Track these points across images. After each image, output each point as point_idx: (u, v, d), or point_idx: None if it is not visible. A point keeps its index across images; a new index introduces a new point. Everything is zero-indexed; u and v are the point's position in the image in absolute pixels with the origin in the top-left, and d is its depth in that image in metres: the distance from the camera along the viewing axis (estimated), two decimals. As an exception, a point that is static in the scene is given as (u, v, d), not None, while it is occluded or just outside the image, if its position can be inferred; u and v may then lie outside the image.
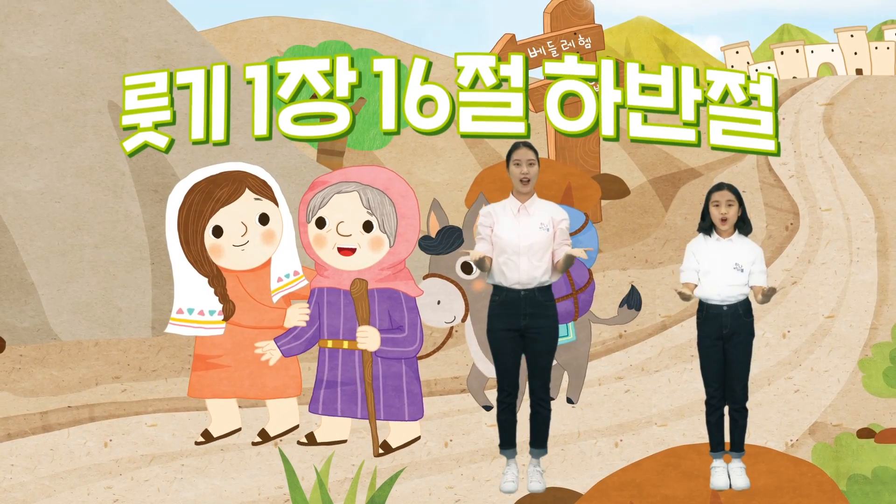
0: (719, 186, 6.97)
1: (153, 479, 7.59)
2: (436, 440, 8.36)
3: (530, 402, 7.16)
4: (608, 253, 14.41)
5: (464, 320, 8.26)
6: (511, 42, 15.95)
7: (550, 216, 7.07)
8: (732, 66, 42.57)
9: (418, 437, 7.81)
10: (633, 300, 9.06)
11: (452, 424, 8.64)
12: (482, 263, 6.96)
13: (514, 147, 7.11)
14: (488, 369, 8.52)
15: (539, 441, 7.18)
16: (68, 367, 10.08)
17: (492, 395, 8.92)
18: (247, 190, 7.66)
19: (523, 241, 6.99)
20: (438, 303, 8.14)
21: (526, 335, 7.06)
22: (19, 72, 12.11)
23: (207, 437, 7.94)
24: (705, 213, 6.98)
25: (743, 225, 6.97)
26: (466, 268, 8.28)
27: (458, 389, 9.20)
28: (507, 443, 7.20)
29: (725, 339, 6.95)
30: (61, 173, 11.65)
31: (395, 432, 7.73)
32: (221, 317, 7.65)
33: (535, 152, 7.11)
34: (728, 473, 6.97)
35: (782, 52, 42.16)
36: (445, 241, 8.23)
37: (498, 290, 7.07)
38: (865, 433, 7.91)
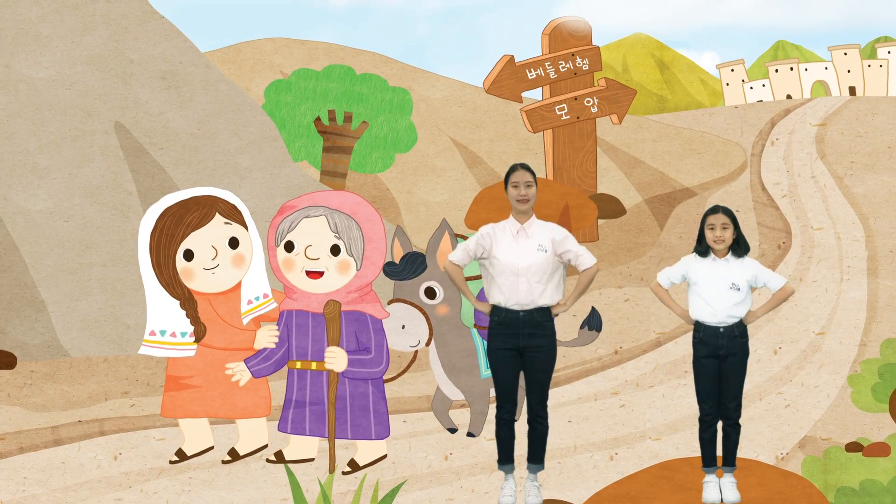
0: (714, 210, 7.04)
1: (162, 491, 7.67)
2: (436, 453, 8.47)
3: (528, 418, 7.22)
4: (604, 271, 14.51)
5: (427, 344, 8.34)
6: (510, 63, 16.06)
7: (550, 237, 7.10)
8: (728, 84, 42.72)
9: (385, 456, 7.88)
10: (593, 321, 9.01)
11: (452, 438, 8.73)
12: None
13: (512, 169, 7.15)
14: (452, 392, 8.61)
15: (536, 456, 7.24)
16: (78, 383, 10.15)
17: (456, 416, 9.12)
18: (217, 214, 7.69)
19: (522, 262, 7.04)
20: (403, 327, 8.21)
21: (524, 354, 7.12)
22: (27, 93, 12.19)
23: (181, 456, 8.00)
24: (701, 237, 7.06)
25: (737, 247, 7.02)
26: (430, 293, 8.37)
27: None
28: (505, 458, 7.24)
29: (721, 358, 7.02)
30: (69, 193, 11.72)
31: (362, 451, 7.82)
32: (193, 339, 7.70)
33: (533, 174, 7.14)
34: (719, 488, 7.12)
35: (777, 70, 42.31)
36: (409, 267, 8.31)
37: (497, 310, 7.13)
38: (854, 447, 7.89)
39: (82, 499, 7.55)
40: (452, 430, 8.77)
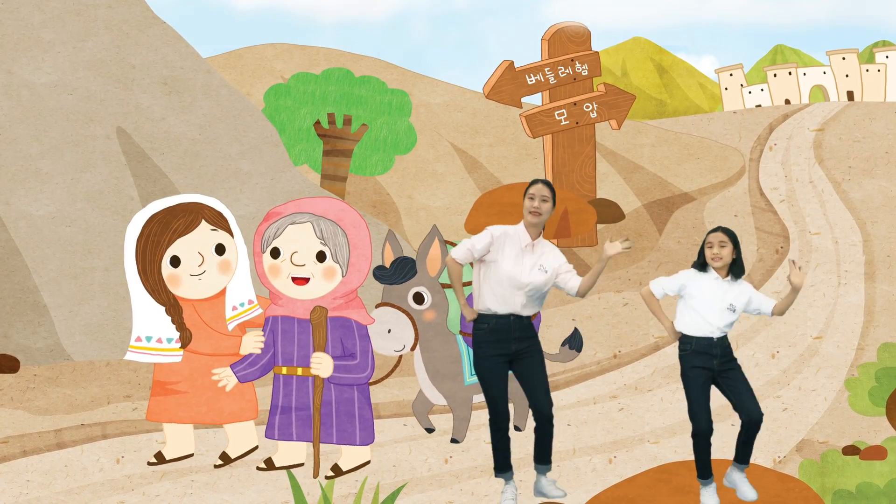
0: (714, 229, 7.10)
1: (164, 494, 7.71)
2: (436, 457, 8.52)
3: (538, 418, 7.22)
4: (603, 276, 14.54)
5: (413, 349, 8.40)
6: (510, 69, 16.12)
7: (553, 262, 7.25)
8: (726, 89, 42.76)
9: (368, 462, 7.94)
10: (574, 342, 9.17)
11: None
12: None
13: (533, 182, 7.28)
14: (435, 397, 8.68)
15: (542, 457, 7.28)
16: (81, 387, 10.20)
17: (436, 420, 9.18)
18: (203, 221, 7.76)
19: (524, 278, 7.16)
20: (389, 331, 8.27)
21: (516, 358, 7.22)
22: (29, 98, 12.23)
23: (160, 458, 8.07)
24: (701, 253, 7.09)
25: (735, 268, 7.03)
26: (418, 298, 8.44)
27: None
28: (503, 466, 7.28)
29: (717, 370, 7.00)
30: (72, 198, 11.76)
31: (346, 456, 7.88)
32: (179, 344, 7.76)
33: (552, 191, 7.25)
34: (735, 484, 7.10)
35: (775, 75, 42.36)
36: (399, 271, 8.37)
37: (486, 317, 7.20)
38: (850, 450, 7.93)
39: (85, 502, 7.58)
40: (430, 430, 8.90)
